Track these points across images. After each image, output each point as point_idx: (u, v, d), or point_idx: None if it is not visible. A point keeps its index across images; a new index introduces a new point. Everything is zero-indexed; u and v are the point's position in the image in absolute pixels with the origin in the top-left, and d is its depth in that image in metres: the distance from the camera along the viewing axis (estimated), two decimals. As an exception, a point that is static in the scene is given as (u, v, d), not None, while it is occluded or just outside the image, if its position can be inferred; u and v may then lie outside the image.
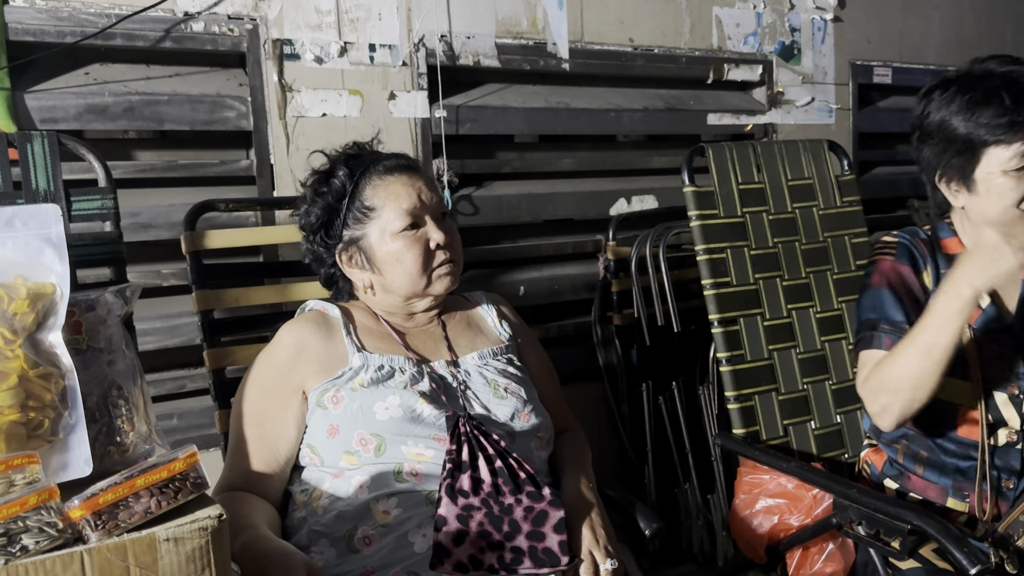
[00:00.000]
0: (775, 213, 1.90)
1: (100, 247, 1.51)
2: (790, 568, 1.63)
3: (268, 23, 1.95)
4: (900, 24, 3.10)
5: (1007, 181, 1.44)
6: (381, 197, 1.43)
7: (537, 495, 1.28)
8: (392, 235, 1.41)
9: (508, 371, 1.47)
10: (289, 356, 1.39)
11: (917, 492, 1.58)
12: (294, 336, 1.40)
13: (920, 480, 1.57)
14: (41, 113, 1.75)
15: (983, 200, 1.49)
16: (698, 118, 2.62)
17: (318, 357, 1.38)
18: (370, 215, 1.43)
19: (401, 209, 1.41)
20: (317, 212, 1.46)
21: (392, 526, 1.26)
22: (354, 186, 1.44)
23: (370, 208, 1.43)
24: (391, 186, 1.43)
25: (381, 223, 1.42)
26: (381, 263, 1.43)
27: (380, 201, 1.43)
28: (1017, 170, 1.43)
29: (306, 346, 1.39)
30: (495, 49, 2.25)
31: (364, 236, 1.44)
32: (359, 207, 1.44)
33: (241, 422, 1.38)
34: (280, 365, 1.39)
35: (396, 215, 1.41)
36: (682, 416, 2.28)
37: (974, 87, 1.46)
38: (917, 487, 1.58)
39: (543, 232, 2.46)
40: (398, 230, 1.41)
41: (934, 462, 1.56)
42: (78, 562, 0.82)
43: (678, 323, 2.19)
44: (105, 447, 1.02)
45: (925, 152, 1.55)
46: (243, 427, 1.37)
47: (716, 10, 2.63)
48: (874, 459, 1.68)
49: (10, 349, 0.94)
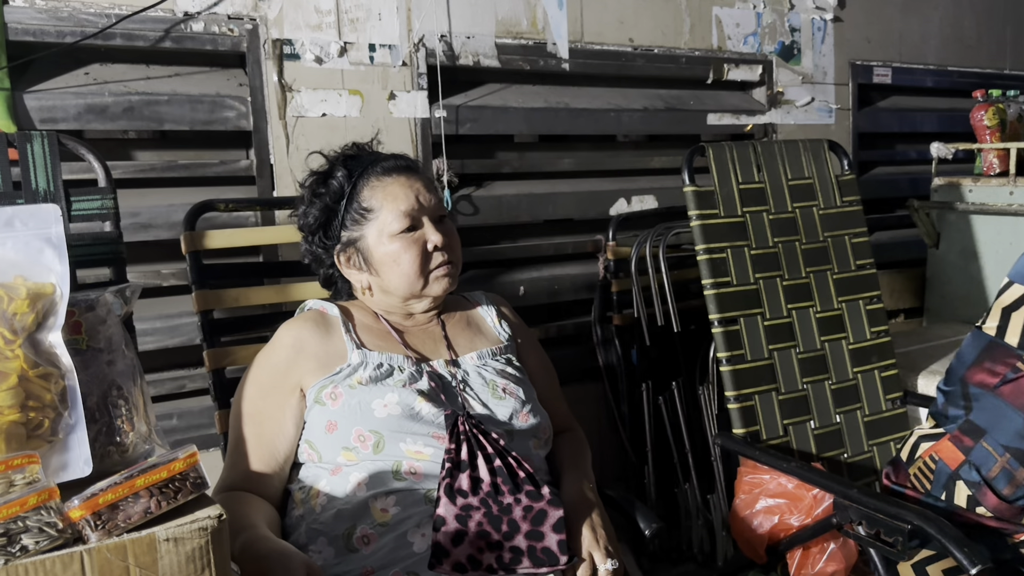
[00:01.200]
0: (775, 213, 1.90)
1: (100, 247, 1.51)
2: (791, 568, 1.63)
3: (268, 23, 1.95)
4: (900, 24, 3.10)
5: None
6: (379, 198, 1.43)
7: (536, 494, 1.28)
8: (390, 236, 1.41)
9: (507, 371, 1.47)
10: (287, 355, 1.39)
11: (989, 509, 1.50)
12: (292, 335, 1.40)
13: (993, 498, 1.50)
14: (41, 113, 1.75)
15: None
16: (698, 118, 2.62)
17: (316, 355, 1.38)
18: (368, 216, 1.43)
19: (399, 211, 1.41)
20: (315, 213, 1.46)
21: (391, 525, 1.26)
22: (352, 187, 1.44)
23: (368, 209, 1.43)
24: (389, 187, 1.43)
25: (379, 224, 1.42)
26: (379, 264, 1.43)
27: (378, 202, 1.42)
28: None
29: (304, 345, 1.39)
30: (495, 49, 2.25)
31: (362, 237, 1.43)
32: (357, 208, 1.43)
33: (240, 422, 1.38)
34: (278, 365, 1.39)
35: (394, 216, 1.41)
36: (682, 416, 2.28)
37: None
38: (990, 504, 1.51)
39: (543, 232, 2.46)
40: (396, 231, 1.41)
41: None
42: (78, 562, 0.82)
43: (678, 323, 2.19)
44: (105, 447, 1.01)
45: None
46: (242, 427, 1.37)
47: (716, 10, 2.63)
48: (935, 460, 1.61)
49: (10, 349, 0.94)
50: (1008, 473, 1.52)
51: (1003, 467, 1.52)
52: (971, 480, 1.55)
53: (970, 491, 1.55)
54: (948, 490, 1.58)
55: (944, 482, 1.60)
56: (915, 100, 3.23)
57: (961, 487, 1.57)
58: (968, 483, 1.56)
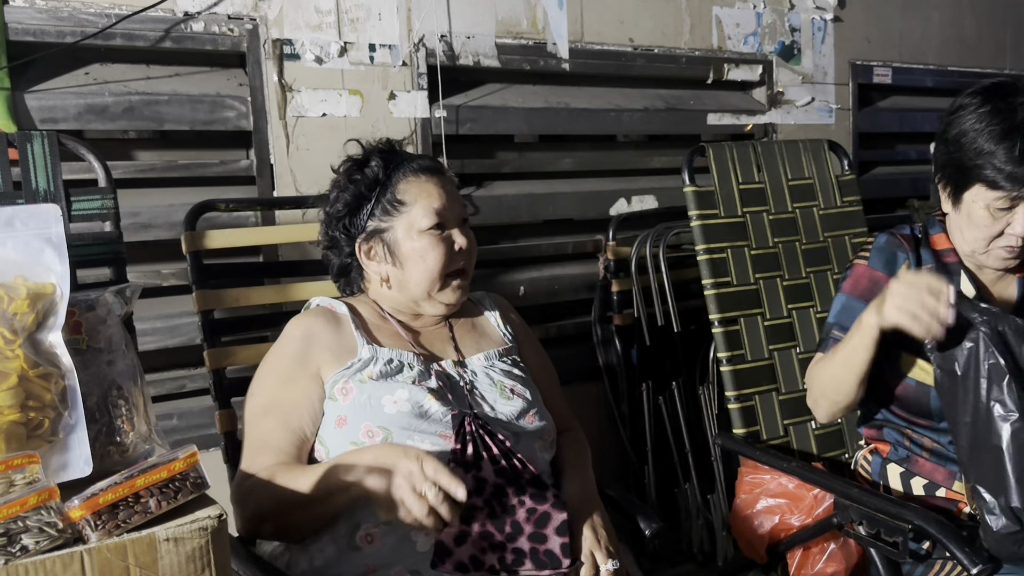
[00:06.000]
0: (775, 213, 1.90)
1: (100, 247, 1.50)
2: (791, 568, 1.63)
3: (268, 23, 1.95)
4: (900, 24, 3.10)
5: (985, 216, 1.47)
6: (413, 193, 1.43)
7: (540, 497, 1.28)
8: (419, 232, 1.42)
9: (514, 373, 1.48)
10: (302, 346, 1.38)
11: (924, 475, 1.57)
12: (303, 328, 1.41)
13: (927, 463, 1.57)
14: (41, 113, 1.75)
15: (961, 220, 1.52)
16: (698, 118, 2.62)
17: (329, 347, 1.38)
18: (400, 209, 1.43)
19: (432, 208, 1.42)
20: (347, 198, 1.46)
21: (394, 524, 1.26)
22: (387, 178, 1.44)
23: (401, 202, 1.43)
24: (424, 185, 1.44)
25: (409, 218, 1.42)
26: (404, 258, 1.43)
27: (412, 197, 1.43)
28: (998, 210, 1.45)
29: (317, 336, 1.39)
30: (495, 49, 2.25)
31: (390, 229, 1.44)
32: (390, 199, 1.44)
33: (259, 415, 1.35)
34: (295, 354, 1.38)
35: (425, 212, 1.42)
36: (682, 416, 2.28)
37: (1000, 117, 1.45)
38: (924, 470, 1.58)
39: (543, 232, 2.46)
40: (425, 228, 1.42)
41: (938, 451, 1.57)
42: (78, 562, 0.82)
43: (678, 323, 2.19)
44: (105, 447, 1.01)
45: (938, 150, 1.57)
46: (262, 419, 1.35)
47: (716, 10, 2.63)
48: (871, 456, 1.68)
49: (10, 349, 0.94)
50: None
51: None
52: (900, 457, 1.62)
53: (901, 467, 1.61)
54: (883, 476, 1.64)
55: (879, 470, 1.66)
56: (915, 100, 3.23)
57: (893, 467, 1.63)
58: (897, 462, 1.62)
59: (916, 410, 1.57)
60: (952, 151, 1.50)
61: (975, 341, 1.40)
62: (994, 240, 1.48)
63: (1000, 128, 1.43)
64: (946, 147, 1.52)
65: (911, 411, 1.58)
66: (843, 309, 1.61)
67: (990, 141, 1.43)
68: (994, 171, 1.43)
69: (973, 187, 1.47)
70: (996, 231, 1.47)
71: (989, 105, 1.46)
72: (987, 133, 1.44)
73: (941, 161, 1.55)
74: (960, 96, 1.53)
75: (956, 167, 1.50)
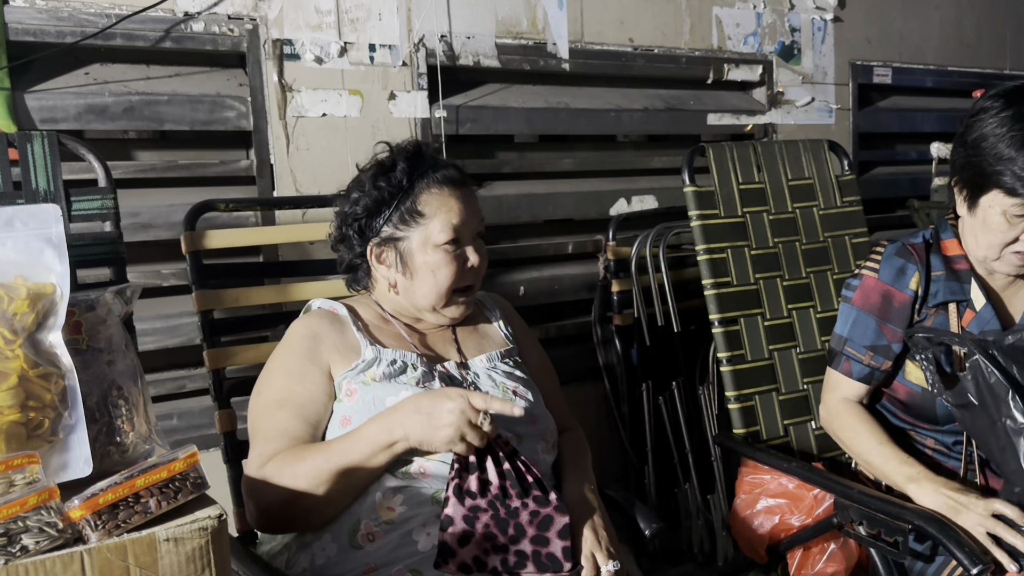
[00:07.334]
0: (775, 213, 1.90)
1: (100, 247, 1.50)
2: (791, 568, 1.63)
3: (268, 23, 1.95)
4: (900, 24, 3.10)
5: (1001, 222, 1.46)
6: (434, 206, 1.42)
7: (543, 499, 1.28)
8: (434, 247, 1.41)
9: (515, 374, 1.48)
10: (309, 344, 1.38)
11: (927, 448, 1.60)
12: (310, 327, 1.41)
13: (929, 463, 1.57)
14: (41, 113, 1.75)
15: (976, 224, 1.51)
16: (698, 118, 2.62)
17: (335, 345, 1.39)
18: (419, 220, 1.42)
19: (450, 223, 1.41)
20: (367, 202, 1.44)
21: (396, 523, 1.26)
22: (410, 185, 1.43)
23: (420, 213, 1.42)
24: (447, 199, 1.43)
25: (427, 231, 1.42)
26: (415, 270, 1.42)
27: (432, 210, 1.42)
28: (1015, 216, 1.44)
29: (322, 336, 1.39)
30: (495, 49, 2.25)
31: (405, 239, 1.43)
32: (410, 208, 1.42)
33: (272, 409, 1.35)
34: (303, 352, 1.38)
35: (443, 227, 1.41)
36: (682, 416, 2.27)
37: (1023, 123, 1.43)
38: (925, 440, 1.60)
39: (543, 232, 2.46)
40: (441, 243, 1.41)
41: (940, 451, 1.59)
42: (78, 562, 0.82)
43: (678, 323, 2.19)
44: (105, 447, 1.02)
45: (956, 152, 1.55)
46: (276, 412, 1.34)
47: (716, 10, 2.63)
48: None
49: (10, 349, 0.94)
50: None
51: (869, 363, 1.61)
52: None
53: None
54: None
55: None
56: (915, 100, 3.23)
57: None
58: None
59: (923, 415, 1.58)
60: (971, 155, 1.48)
61: (974, 366, 1.39)
62: (1008, 246, 1.47)
63: (1022, 134, 1.41)
64: (965, 150, 1.50)
65: (918, 416, 1.59)
66: (855, 324, 1.61)
67: (1011, 147, 1.42)
68: (1013, 177, 1.41)
69: (990, 192, 1.46)
70: (1011, 237, 1.46)
71: (1011, 110, 1.44)
72: (1008, 138, 1.42)
73: (959, 164, 1.53)
74: (981, 98, 1.51)
75: (974, 171, 1.48)
